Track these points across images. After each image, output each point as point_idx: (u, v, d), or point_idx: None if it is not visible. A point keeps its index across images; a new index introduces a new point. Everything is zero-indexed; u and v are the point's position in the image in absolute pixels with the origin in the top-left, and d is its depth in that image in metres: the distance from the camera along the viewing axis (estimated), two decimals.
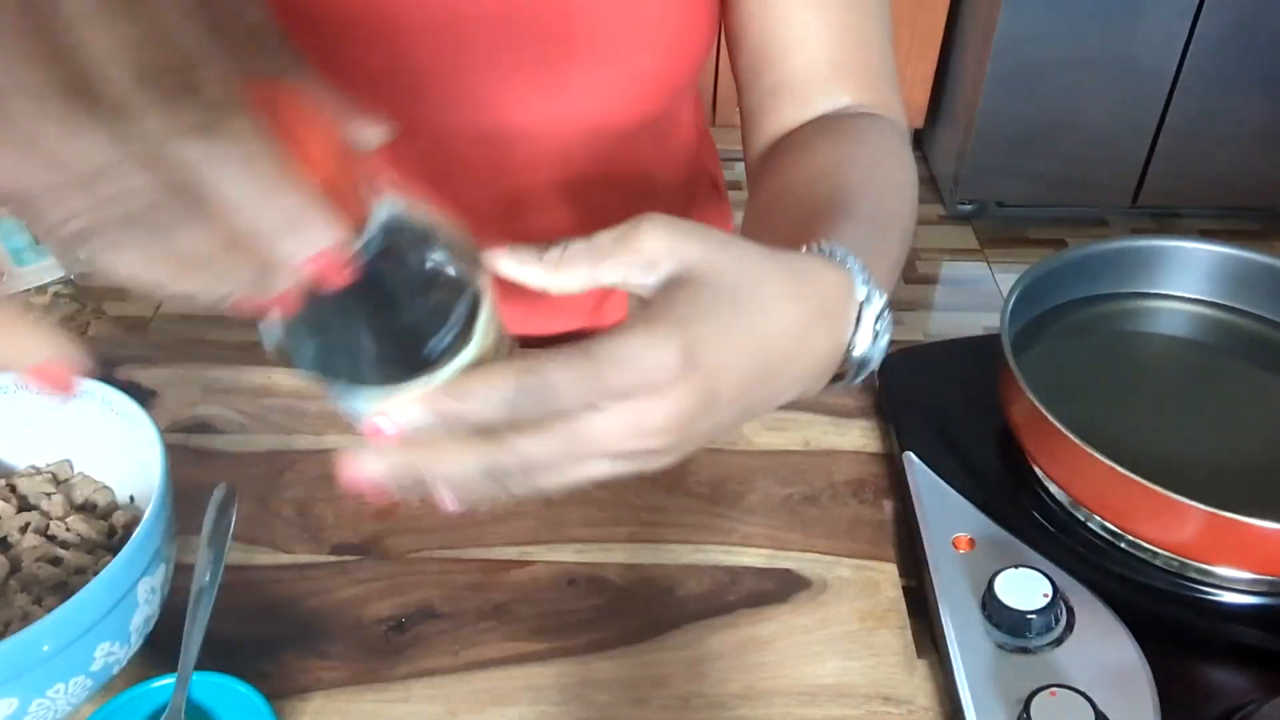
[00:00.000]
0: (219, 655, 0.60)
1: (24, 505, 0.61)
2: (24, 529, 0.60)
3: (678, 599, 0.63)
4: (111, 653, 0.53)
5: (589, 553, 0.66)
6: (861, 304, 0.46)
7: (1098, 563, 0.62)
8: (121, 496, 0.63)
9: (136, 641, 0.55)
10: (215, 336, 0.86)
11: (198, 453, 0.72)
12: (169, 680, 0.54)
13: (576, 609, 0.63)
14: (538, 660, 0.60)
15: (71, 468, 0.63)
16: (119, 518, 0.61)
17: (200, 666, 0.55)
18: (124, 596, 0.52)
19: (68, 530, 0.59)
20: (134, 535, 0.52)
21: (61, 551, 0.59)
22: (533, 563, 0.65)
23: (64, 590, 0.57)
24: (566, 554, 0.66)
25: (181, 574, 0.59)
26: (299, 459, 0.72)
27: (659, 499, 0.69)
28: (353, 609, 0.63)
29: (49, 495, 0.61)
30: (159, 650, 0.58)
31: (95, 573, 0.55)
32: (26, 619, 0.55)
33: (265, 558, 0.66)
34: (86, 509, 0.62)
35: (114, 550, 0.59)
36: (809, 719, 0.57)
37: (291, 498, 0.69)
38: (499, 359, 0.40)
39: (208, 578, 0.58)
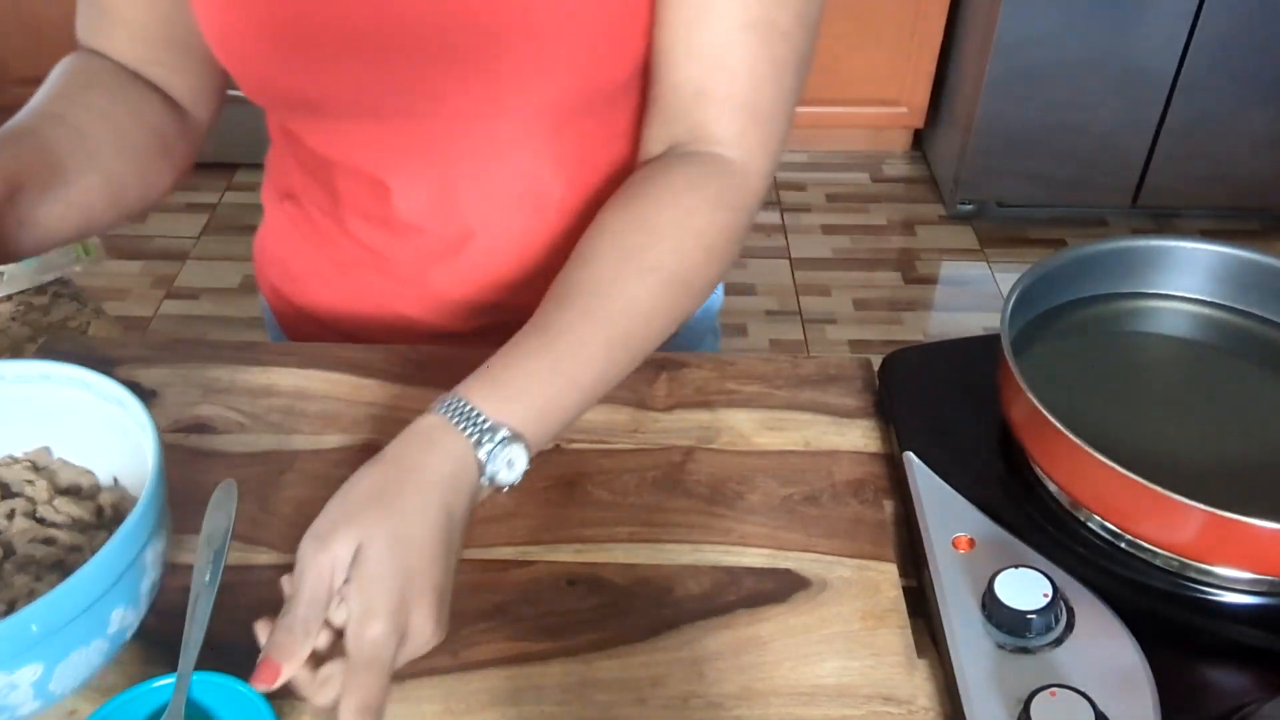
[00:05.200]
0: (219, 655, 0.60)
1: (6, 493, 0.62)
2: (10, 515, 0.60)
3: (677, 599, 0.63)
4: (125, 617, 0.54)
5: (589, 553, 0.66)
6: (479, 447, 0.56)
7: (1098, 563, 0.62)
8: (105, 478, 0.63)
9: (144, 607, 0.56)
10: (215, 336, 0.86)
11: (198, 453, 0.72)
12: (169, 680, 0.54)
13: (576, 609, 0.63)
14: (537, 660, 0.60)
15: (50, 454, 0.64)
16: (105, 498, 0.62)
17: (200, 666, 0.55)
18: (134, 560, 0.53)
19: (57, 512, 0.60)
20: (140, 499, 0.53)
21: (53, 532, 0.59)
22: (533, 563, 0.65)
23: (62, 568, 0.58)
24: (566, 554, 0.66)
25: (182, 574, 0.59)
26: (299, 459, 0.72)
27: (659, 499, 0.69)
28: None
29: (31, 482, 0.62)
30: (159, 650, 0.58)
31: (92, 550, 0.58)
32: (32, 594, 0.56)
33: (265, 558, 0.66)
34: (70, 493, 0.62)
35: (106, 528, 0.60)
36: (809, 718, 0.57)
37: (291, 498, 0.69)
38: None
39: (207, 577, 0.58)
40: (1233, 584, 0.61)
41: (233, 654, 0.60)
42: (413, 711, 0.58)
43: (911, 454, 0.69)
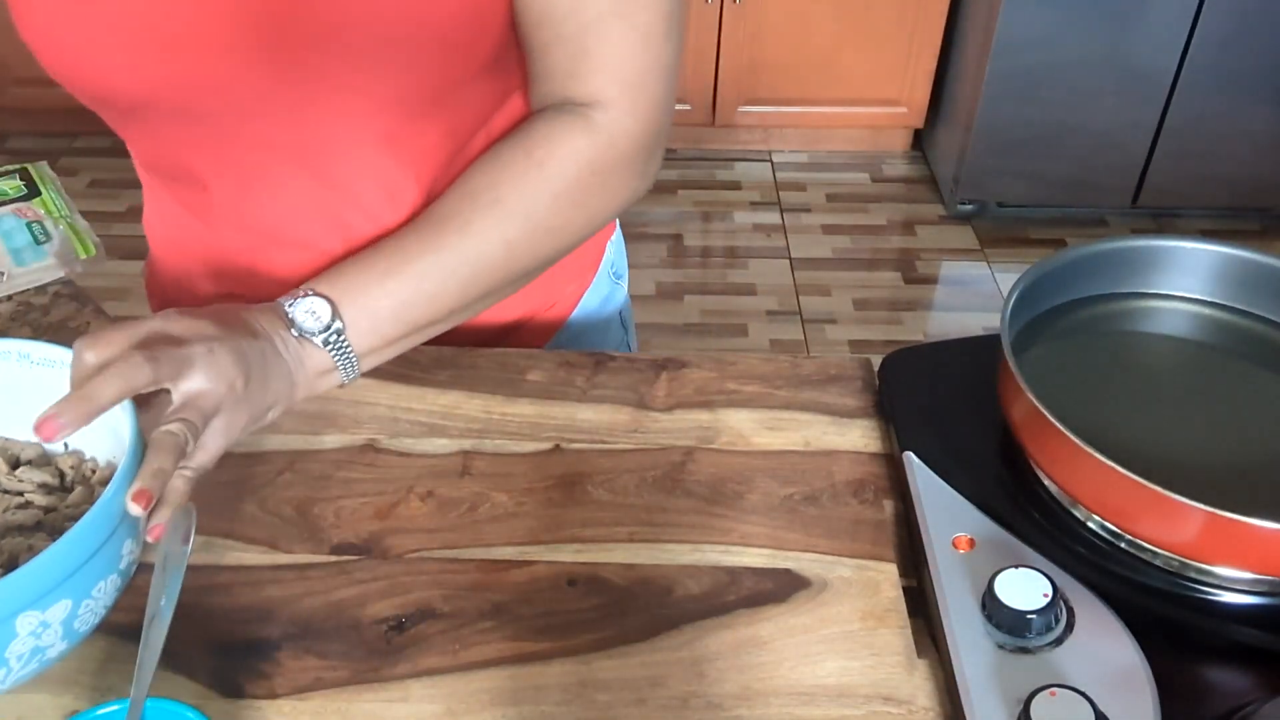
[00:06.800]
0: (218, 655, 0.60)
1: None
2: None
3: (677, 599, 0.63)
4: (132, 550, 0.56)
5: (589, 553, 0.66)
6: (285, 304, 0.65)
7: (1098, 563, 0.62)
8: (53, 447, 0.65)
9: (141, 542, 0.58)
10: None
11: None
12: (119, 706, 0.53)
13: (576, 609, 0.63)
14: (537, 660, 0.60)
15: None
16: (64, 462, 0.63)
17: (199, 667, 0.54)
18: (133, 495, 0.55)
19: (20, 481, 0.61)
20: (127, 440, 0.56)
21: (26, 497, 0.61)
22: (533, 563, 0.65)
23: (45, 529, 0.60)
24: (566, 554, 0.66)
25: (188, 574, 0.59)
26: (299, 459, 0.72)
27: (659, 499, 0.69)
28: (353, 609, 0.63)
29: None
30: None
31: (67, 509, 0.60)
32: (32, 550, 0.57)
33: (265, 558, 0.66)
34: (25, 465, 0.63)
35: (70, 489, 0.62)
36: (809, 718, 0.57)
37: (291, 498, 0.69)
38: None
39: (163, 601, 0.57)
40: (1233, 584, 0.61)
41: (232, 654, 0.60)
42: (413, 711, 0.58)
43: (911, 454, 0.69)
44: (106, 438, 0.62)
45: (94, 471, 0.64)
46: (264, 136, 0.71)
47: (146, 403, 0.60)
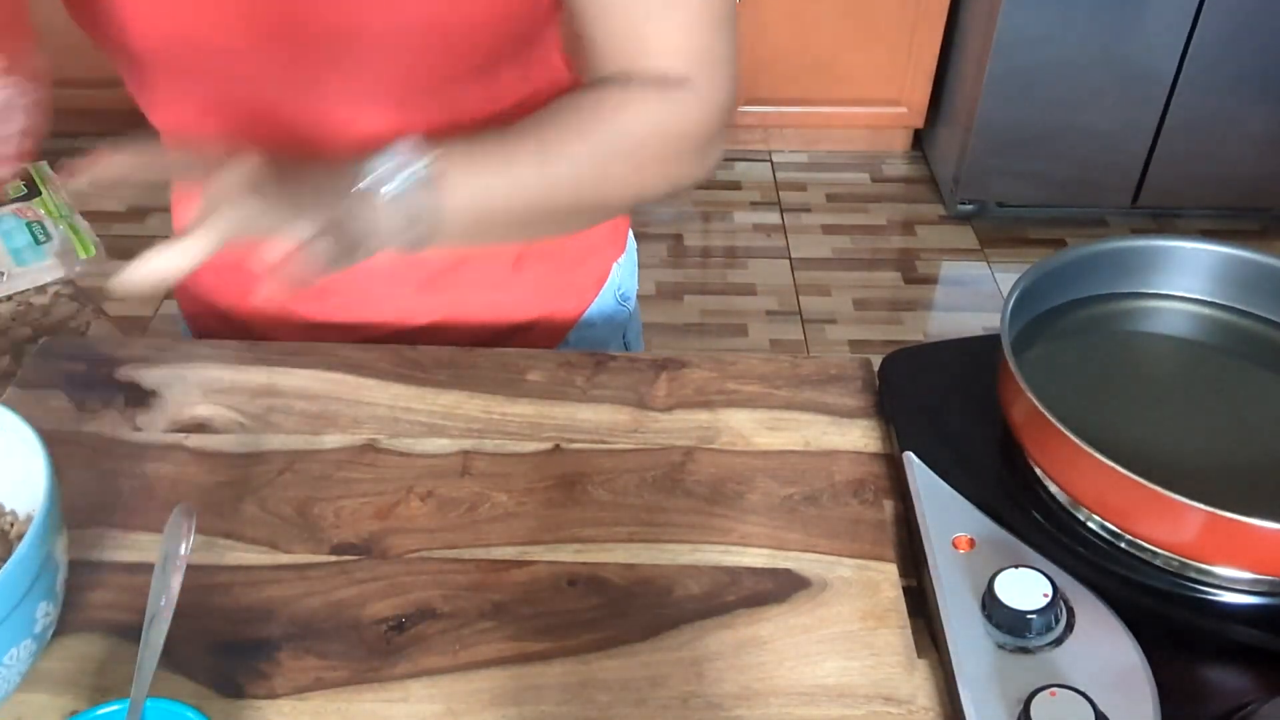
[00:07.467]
0: (218, 655, 0.60)
1: None
2: None
3: (677, 599, 0.63)
4: (48, 613, 0.54)
5: (589, 553, 0.66)
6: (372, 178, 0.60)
7: (1098, 563, 0.62)
8: None
9: (60, 601, 0.57)
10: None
11: (197, 453, 0.72)
12: (120, 706, 0.53)
13: (576, 609, 0.63)
14: (537, 660, 0.60)
15: None
16: None
17: (199, 667, 0.54)
18: (48, 556, 0.54)
19: None
20: (41, 497, 0.53)
21: None
22: (532, 563, 0.65)
23: None
24: (566, 554, 0.66)
25: (189, 574, 0.59)
26: (299, 459, 0.72)
27: (659, 499, 0.69)
28: (352, 609, 0.63)
29: None
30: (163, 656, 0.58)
31: None
32: None
33: (265, 558, 0.66)
34: None
35: None
36: (809, 718, 0.57)
37: (291, 498, 0.69)
38: None
39: (162, 602, 0.57)
40: (1233, 584, 0.61)
41: (232, 654, 0.60)
42: (413, 711, 0.58)
43: (911, 454, 0.69)
44: (28, 488, 0.58)
45: (13, 525, 0.60)
46: (266, 111, 0.71)
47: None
